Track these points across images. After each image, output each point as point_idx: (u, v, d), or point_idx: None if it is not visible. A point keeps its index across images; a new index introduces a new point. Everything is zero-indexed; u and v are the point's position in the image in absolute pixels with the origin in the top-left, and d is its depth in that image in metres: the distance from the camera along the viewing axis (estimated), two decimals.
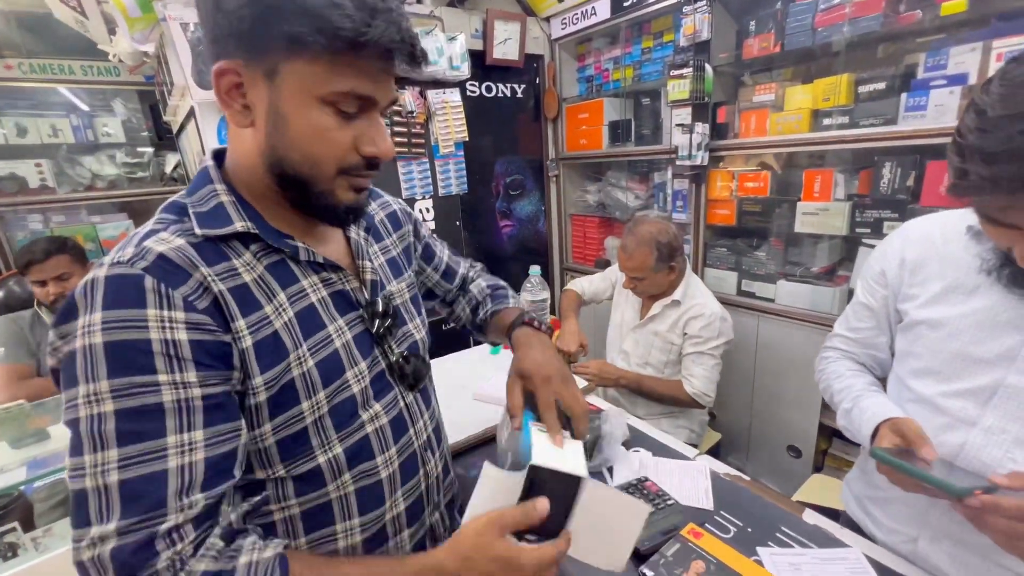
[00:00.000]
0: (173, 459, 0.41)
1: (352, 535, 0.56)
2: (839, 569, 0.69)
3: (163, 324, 0.42)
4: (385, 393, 0.58)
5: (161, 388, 0.42)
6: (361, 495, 0.56)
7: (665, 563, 0.67)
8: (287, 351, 0.50)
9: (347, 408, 0.54)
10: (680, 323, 1.51)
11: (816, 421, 1.60)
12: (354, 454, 0.55)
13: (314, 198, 0.50)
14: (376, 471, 0.57)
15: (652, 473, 0.93)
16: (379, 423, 0.57)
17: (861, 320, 0.83)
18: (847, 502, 0.88)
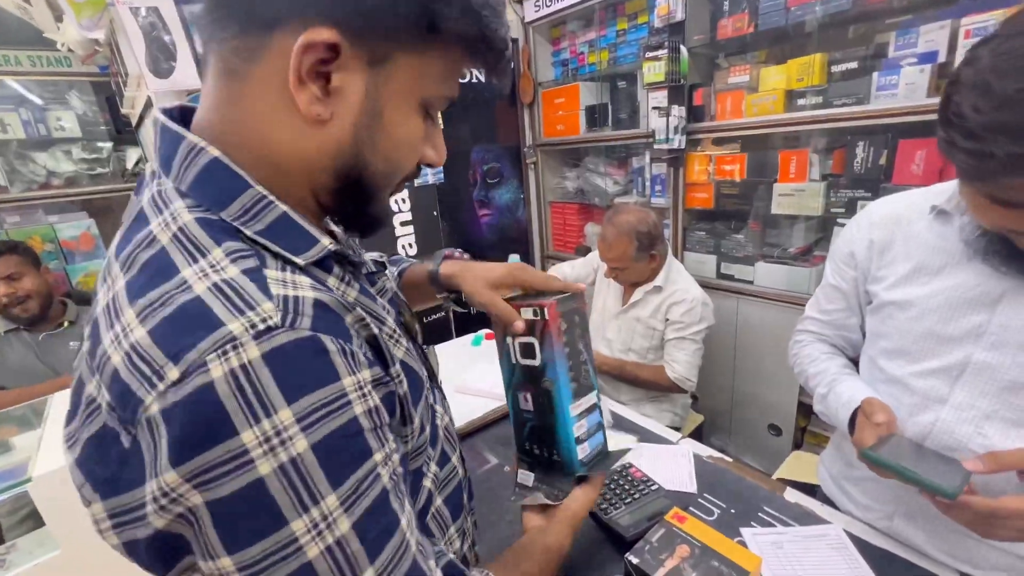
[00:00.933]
0: (412, 540, 0.35)
1: (452, 544, 0.52)
2: (820, 545, 0.70)
3: (362, 391, 0.33)
4: (432, 393, 0.54)
5: (380, 472, 0.33)
6: (449, 501, 0.51)
7: (650, 549, 0.67)
8: (421, 382, 0.44)
9: (433, 420, 0.49)
10: (662, 309, 1.51)
11: (795, 399, 1.63)
12: (440, 463, 0.49)
13: (373, 208, 0.42)
14: (456, 472, 0.53)
15: (636, 459, 0.92)
16: (444, 422, 0.53)
17: (832, 302, 0.83)
18: (823, 480, 0.89)
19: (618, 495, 0.80)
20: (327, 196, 0.40)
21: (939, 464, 0.61)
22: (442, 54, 0.37)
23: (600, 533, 0.76)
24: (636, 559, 0.66)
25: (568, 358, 0.55)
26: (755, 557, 0.65)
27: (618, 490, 0.81)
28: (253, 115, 0.35)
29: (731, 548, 0.66)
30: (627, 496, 0.80)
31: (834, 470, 0.86)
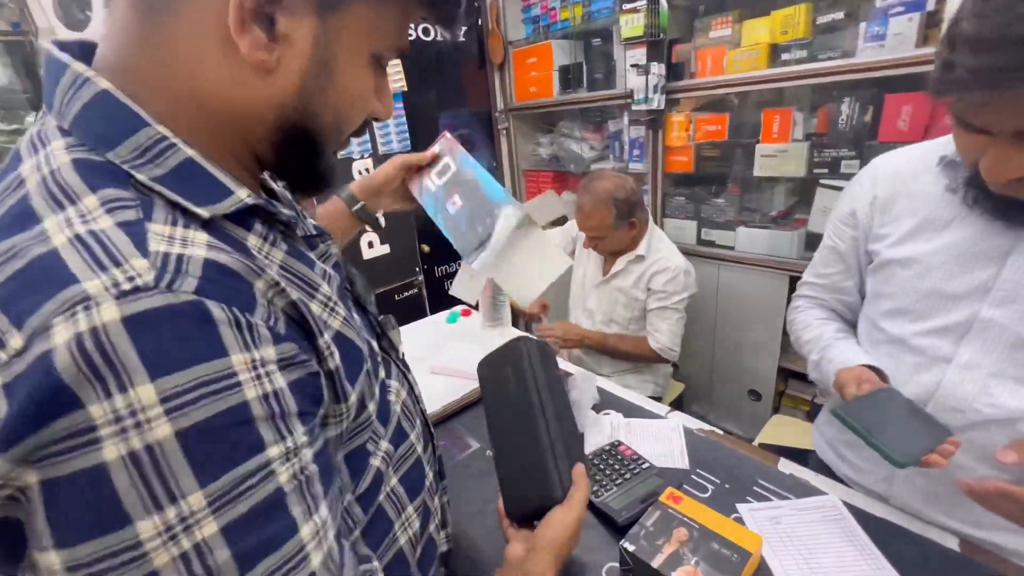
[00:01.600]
0: (315, 555, 0.29)
1: (411, 524, 0.48)
2: (817, 518, 0.68)
3: (257, 372, 0.28)
4: (388, 367, 0.50)
5: (275, 469, 0.28)
6: (406, 481, 0.47)
7: (646, 534, 0.62)
8: (361, 355, 0.40)
9: (384, 395, 0.45)
10: (644, 278, 1.46)
11: (776, 364, 1.63)
12: (394, 441, 0.46)
13: (319, 164, 0.39)
14: (413, 449, 0.50)
15: (624, 435, 0.88)
16: (401, 398, 0.49)
17: (828, 265, 0.80)
18: (819, 447, 0.87)
19: (608, 476, 0.75)
20: (267, 150, 0.37)
21: (914, 426, 0.59)
22: (395, 1, 0.35)
23: (591, 517, 0.71)
24: (632, 546, 0.62)
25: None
26: (755, 536, 0.61)
27: (607, 470, 0.76)
28: (178, 58, 0.31)
29: (731, 528, 0.63)
30: (617, 476, 0.75)
31: (829, 435, 0.84)
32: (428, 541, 0.52)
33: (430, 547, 0.52)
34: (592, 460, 0.79)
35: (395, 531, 0.46)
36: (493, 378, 0.63)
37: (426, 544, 0.51)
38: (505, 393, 0.59)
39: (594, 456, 0.80)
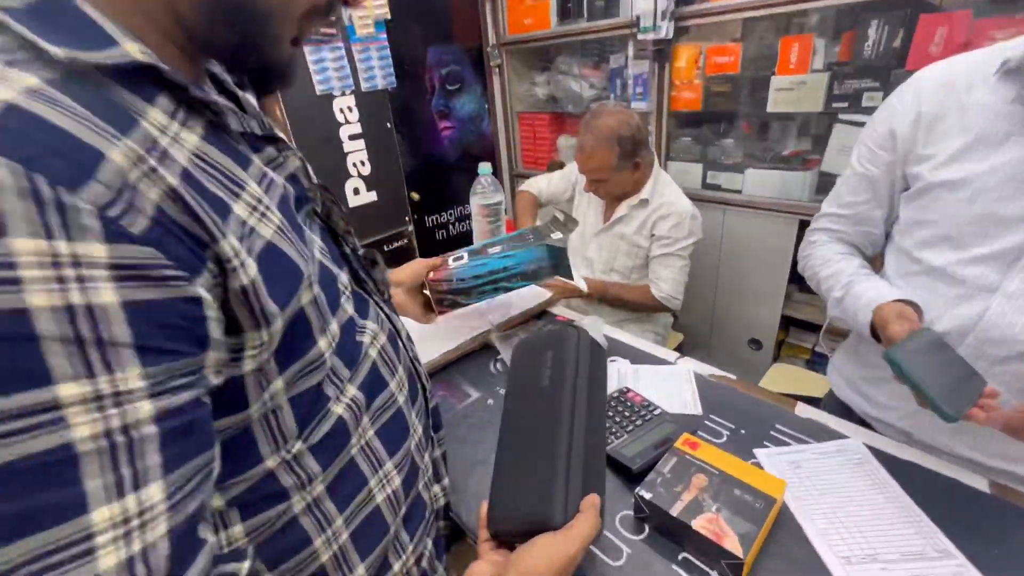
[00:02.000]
0: (107, 556, 0.22)
1: (390, 482, 0.43)
2: (840, 461, 0.64)
3: (58, 273, 0.21)
4: (365, 307, 0.45)
5: (65, 416, 0.21)
6: (385, 433, 0.43)
7: (663, 481, 0.58)
8: (298, 272, 0.33)
9: (350, 334, 0.40)
10: (648, 224, 1.39)
11: (779, 312, 1.59)
12: (368, 389, 0.41)
13: (261, 49, 0.32)
14: (393, 399, 0.44)
15: (632, 382, 0.84)
16: (380, 343, 0.44)
17: (856, 193, 0.73)
18: (836, 386, 0.84)
19: (618, 423, 0.71)
20: (200, 26, 0.30)
21: (958, 375, 0.55)
22: None
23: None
24: (648, 494, 0.58)
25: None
26: (779, 481, 0.58)
27: (617, 417, 0.72)
28: None
29: (752, 473, 0.59)
30: (628, 423, 0.71)
31: (848, 372, 0.81)
32: (416, 500, 0.47)
33: (418, 505, 0.48)
34: None
35: (370, 488, 0.41)
36: (527, 363, 0.53)
37: (414, 502, 0.47)
38: (536, 382, 0.50)
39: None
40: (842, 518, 0.57)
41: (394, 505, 0.43)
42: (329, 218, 0.44)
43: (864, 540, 0.54)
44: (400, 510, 0.44)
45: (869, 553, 0.52)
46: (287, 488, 0.35)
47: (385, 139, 1.74)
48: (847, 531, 0.55)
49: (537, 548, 0.38)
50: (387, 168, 1.77)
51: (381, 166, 1.74)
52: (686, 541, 0.55)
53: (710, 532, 0.52)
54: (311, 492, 0.37)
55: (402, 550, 0.45)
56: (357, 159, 1.68)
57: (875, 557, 0.52)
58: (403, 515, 0.45)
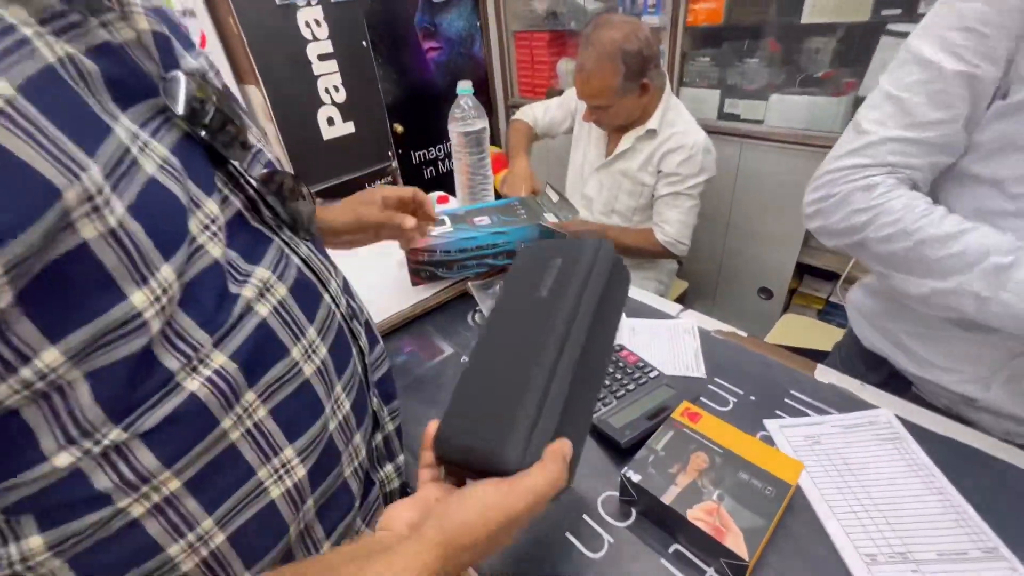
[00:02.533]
0: None
1: (290, 472, 0.33)
2: (868, 437, 0.54)
3: None
4: (263, 249, 0.33)
5: None
6: (283, 413, 0.32)
7: (656, 460, 0.49)
8: (38, 184, 0.21)
9: (212, 285, 0.29)
10: (655, 158, 1.23)
11: (794, 259, 1.46)
12: (252, 356, 0.30)
13: None
14: (296, 369, 0.33)
15: (627, 339, 0.73)
16: (276, 297, 0.32)
17: (947, 105, 0.50)
18: (868, 338, 0.72)
19: (608, 387, 0.61)
20: None
21: None
22: None
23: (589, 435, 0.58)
24: (637, 476, 0.48)
25: None
26: (795, 464, 0.48)
27: (606, 380, 0.62)
28: None
29: (763, 452, 0.49)
30: (618, 388, 0.61)
31: (892, 326, 0.68)
32: (339, 489, 0.38)
33: (342, 495, 0.39)
34: None
35: (260, 481, 0.31)
36: (528, 269, 0.42)
37: (335, 493, 0.38)
38: (533, 292, 0.40)
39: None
40: (867, 507, 0.47)
41: (296, 500, 0.34)
42: (223, 128, 0.32)
43: (894, 534, 0.45)
44: (304, 505, 0.35)
45: (899, 551, 0.44)
46: (106, 491, 0.26)
47: (361, 60, 1.54)
48: (873, 523, 0.46)
49: (472, 499, 0.30)
50: (365, 95, 1.58)
51: (358, 92, 1.55)
52: (679, 532, 0.46)
53: (709, 526, 0.43)
54: (157, 491, 0.27)
55: (315, 547, 0.37)
56: (329, 83, 1.48)
57: (906, 556, 0.43)
58: (317, 509, 0.36)
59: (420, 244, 0.77)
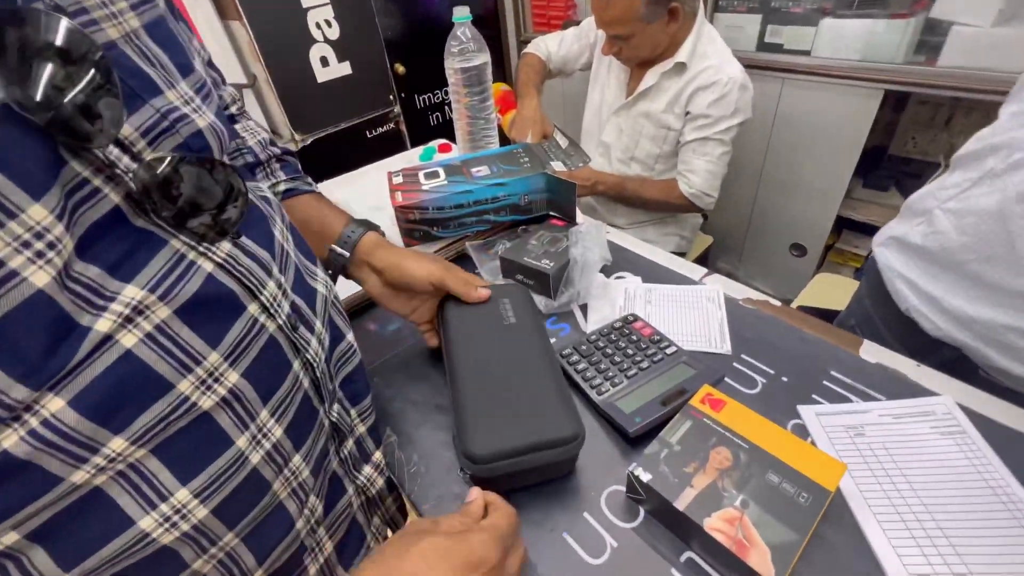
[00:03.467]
0: None
1: (187, 516, 0.28)
2: (921, 429, 0.46)
3: None
4: (145, 256, 0.26)
5: None
6: (171, 453, 0.27)
7: (670, 456, 0.42)
8: None
9: (36, 323, 0.22)
10: (683, 97, 1.08)
11: (834, 213, 1.32)
12: (111, 398, 0.24)
13: None
14: (187, 404, 0.27)
15: (641, 308, 0.65)
16: (153, 321, 0.25)
17: None
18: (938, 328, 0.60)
19: (617, 364, 0.54)
20: None
21: None
22: None
23: (591, 421, 0.51)
24: (647, 474, 0.42)
25: None
26: (836, 465, 0.40)
27: (616, 355, 0.55)
28: None
29: (797, 450, 0.41)
30: (630, 365, 0.54)
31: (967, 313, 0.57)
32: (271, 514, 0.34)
33: (276, 519, 0.34)
34: (596, 341, 0.57)
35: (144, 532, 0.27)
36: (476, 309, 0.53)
37: (267, 519, 0.34)
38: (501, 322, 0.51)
39: (599, 336, 0.57)
40: (919, 514, 0.40)
41: (200, 542, 0.30)
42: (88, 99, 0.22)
43: (951, 549, 0.38)
44: (219, 542, 0.31)
45: (958, 570, 0.37)
46: None
47: None
48: (926, 534, 0.39)
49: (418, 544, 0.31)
50: (361, 31, 1.43)
51: (353, 28, 1.41)
52: (694, 540, 0.40)
53: (730, 540, 0.37)
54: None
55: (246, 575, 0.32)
56: (320, 17, 1.34)
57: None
58: (242, 538, 0.32)
59: (409, 201, 0.68)
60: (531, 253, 0.65)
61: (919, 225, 0.59)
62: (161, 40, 0.30)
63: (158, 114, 0.27)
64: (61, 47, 0.21)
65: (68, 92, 0.21)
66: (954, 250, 0.57)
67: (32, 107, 0.20)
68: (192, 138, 0.29)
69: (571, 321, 0.64)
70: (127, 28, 0.27)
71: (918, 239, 0.59)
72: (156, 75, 0.28)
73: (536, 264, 0.64)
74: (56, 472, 0.23)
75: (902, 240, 0.61)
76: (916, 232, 0.59)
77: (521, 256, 0.65)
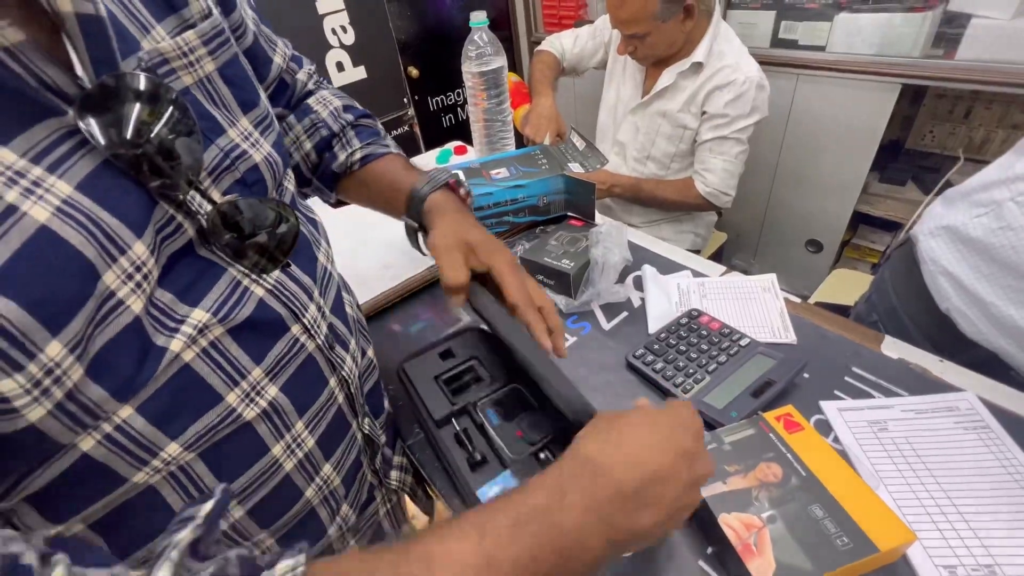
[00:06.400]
0: None
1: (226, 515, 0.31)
2: (945, 424, 0.47)
3: None
4: (208, 284, 0.28)
5: None
6: (215, 458, 0.30)
7: (716, 450, 0.43)
8: None
9: (131, 344, 0.24)
10: (699, 97, 1.08)
11: (851, 209, 1.32)
12: (167, 410, 0.27)
13: None
14: (233, 415, 0.29)
15: (697, 302, 0.64)
16: (208, 339, 0.27)
17: None
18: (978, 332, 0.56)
19: (693, 360, 0.54)
20: None
21: None
22: None
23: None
24: None
25: None
26: (904, 530, 0.36)
27: (692, 352, 0.55)
28: None
29: (865, 502, 0.38)
30: (707, 360, 0.54)
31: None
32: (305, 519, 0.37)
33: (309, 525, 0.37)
34: (666, 340, 0.57)
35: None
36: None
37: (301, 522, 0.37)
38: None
39: (668, 334, 0.58)
40: (945, 508, 0.41)
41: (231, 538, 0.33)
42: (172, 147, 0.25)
43: (977, 542, 0.39)
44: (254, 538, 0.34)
45: (985, 563, 0.37)
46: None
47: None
48: (952, 527, 0.40)
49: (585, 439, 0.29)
50: (376, 35, 1.45)
51: (368, 33, 1.43)
52: (709, 534, 0.41)
53: (738, 539, 0.37)
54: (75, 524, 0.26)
55: None
56: (336, 23, 1.37)
57: (995, 570, 0.37)
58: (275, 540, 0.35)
59: None
60: (551, 253, 0.67)
61: (981, 217, 0.53)
62: (231, 79, 0.32)
63: (222, 153, 0.29)
64: (143, 91, 0.23)
65: (154, 127, 0.23)
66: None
67: (125, 144, 0.23)
68: (249, 172, 0.31)
69: (591, 320, 0.65)
70: (201, 74, 0.29)
71: (978, 232, 0.52)
72: (220, 116, 0.30)
73: (556, 264, 0.65)
74: (122, 473, 0.26)
75: (957, 231, 0.55)
76: (977, 224, 0.53)
77: (541, 256, 0.66)
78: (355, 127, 0.51)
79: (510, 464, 0.42)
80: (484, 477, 0.42)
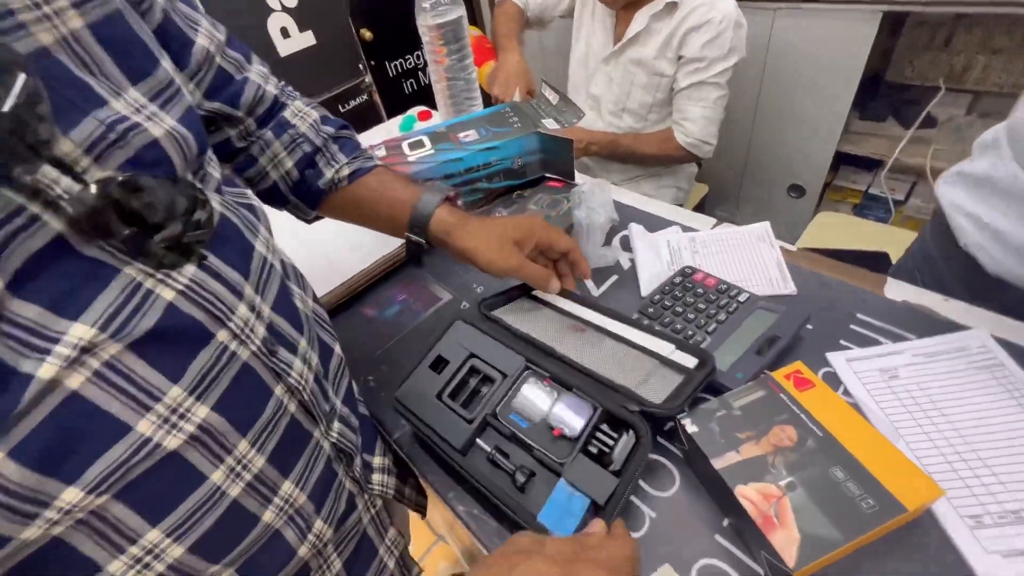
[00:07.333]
0: None
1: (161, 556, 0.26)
2: (958, 366, 0.45)
3: None
4: (96, 288, 0.23)
5: None
6: (136, 495, 0.25)
7: (725, 417, 0.40)
8: None
9: None
10: (675, 40, 1.02)
11: (833, 148, 1.28)
12: (55, 447, 0.22)
13: None
14: (150, 445, 0.25)
15: (689, 259, 0.60)
16: (102, 359, 0.22)
17: None
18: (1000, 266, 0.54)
19: (691, 320, 0.51)
20: None
21: None
22: None
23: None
24: (693, 426, 0.40)
25: None
26: (932, 486, 0.34)
27: (689, 312, 0.52)
28: None
29: (888, 460, 0.35)
30: (705, 319, 0.50)
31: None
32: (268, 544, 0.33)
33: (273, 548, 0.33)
34: (660, 302, 0.54)
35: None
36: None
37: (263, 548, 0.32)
38: None
39: (661, 296, 0.54)
40: (965, 455, 0.39)
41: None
42: (20, 119, 0.19)
43: (1002, 488, 0.37)
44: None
45: (1011, 508, 0.36)
46: None
47: None
48: (974, 475, 0.38)
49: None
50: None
51: None
52: (727, 506, 0.38)
53: (757, 512, 0.34)
54: None
55: None
56: None
57: (1021, 515, 0.35)
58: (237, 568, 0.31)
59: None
60: None
61: (984, 158, 0.55)
62: (110, 40, 0.25)
63: (103, 126, 0.23)
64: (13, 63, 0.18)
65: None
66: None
67: None
68: (146, 149, 0.25)
69: (580, 287, 0.61)
70: (64, 31, 0.23)
71: (984, 169, 0.54)
72: (97, 84, 0.24)
73: None
74: (2, 532, 0.21)
75: (968, 174, 0.57)
76: (982, 164, 0.55)
77: None
78: (336, 140, 0.48)
79: (561, 471, 0.37)
80: (538, 497, 0.37)
